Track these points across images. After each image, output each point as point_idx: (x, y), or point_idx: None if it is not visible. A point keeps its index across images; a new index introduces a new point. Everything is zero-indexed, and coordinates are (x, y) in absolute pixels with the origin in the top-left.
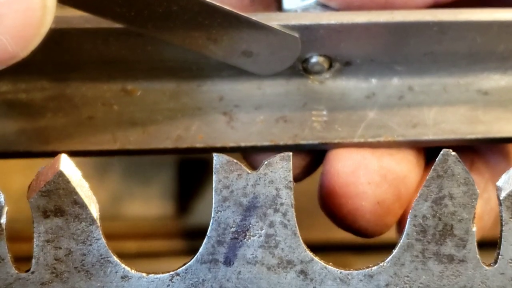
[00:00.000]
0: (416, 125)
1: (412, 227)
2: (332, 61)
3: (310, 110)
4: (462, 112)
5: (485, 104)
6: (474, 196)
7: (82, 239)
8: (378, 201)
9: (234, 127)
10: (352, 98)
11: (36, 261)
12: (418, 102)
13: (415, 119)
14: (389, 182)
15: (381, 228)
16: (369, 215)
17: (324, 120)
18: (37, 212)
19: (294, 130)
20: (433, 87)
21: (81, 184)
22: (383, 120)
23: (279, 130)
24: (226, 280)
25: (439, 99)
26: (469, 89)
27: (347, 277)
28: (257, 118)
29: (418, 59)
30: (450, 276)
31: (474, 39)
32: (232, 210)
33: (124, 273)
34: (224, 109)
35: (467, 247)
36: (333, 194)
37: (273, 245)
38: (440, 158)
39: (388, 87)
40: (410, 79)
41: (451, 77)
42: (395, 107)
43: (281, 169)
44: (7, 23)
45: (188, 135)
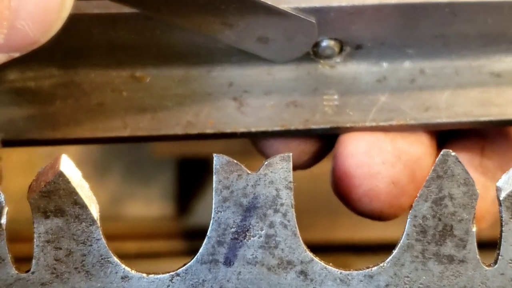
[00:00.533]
0: (429, 108)
1: (412, 227)
2: (343, 45)
3: (321, 94)
4: (475, 94)
5: (498, 86)
6: (474, 196)
7: (82, 239)
8: (393, 181)
9: (244, 112)
10: (363, 82)
11: (36, 262)
12: (430, 85)
13: (427, 102)
14: (404, 162)
15: (395, 210)
16: (384, 196)
17: (335, 105)
18: (37, 212)
19: (305, 115)
20: (444, 70)
21: (81, 185)
22: (395, 104)
23: (289, 115)
24: (226, 281)
25: (451, 82)
26: (481, 71)
27: (347, 277)
28: (267, 103)
29: (429, 42)
30: (450, 277)
31: (485, 21)
32: (232, 210)
33: (124, 274)
34: (234, 95)
35: (467, 247)
36: (347, 176)
37: (273, 245)
38: (440, 159)
39: (399, 70)
40: (421, 62)
41: (463, 59)
42: (407, 91)
43: (281, 169)
44: (28, 8)
45: (198, 121)
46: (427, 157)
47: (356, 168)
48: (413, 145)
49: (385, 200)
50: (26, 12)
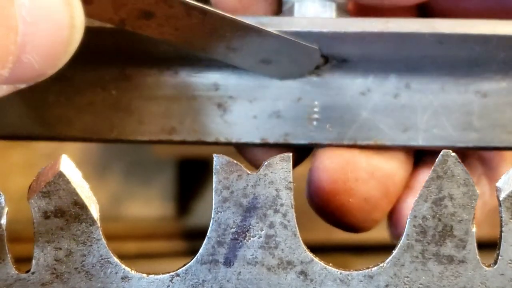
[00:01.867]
0: (408, 129)
1: (412, 227)
2: (328, 59)
3: (304, 106)
4: (457, 116)
5: (481, 108)
6: (474, 197)
7: (82, 239)
8: (365, 198)
9: (227, 121)
10: (347, 94)
11: (36, 262)
12: (413, 103)
13: (407, 121)
14: (377, 179)
15: (368, 223)
16: (356, 211)
17: (316, 118)
18: (37, 213)
19: (286, 128)
20: (431, 85)
21: (81, 185)
22: (375, 122)
23: (271, 126)
24: (226, 281)
25: (435, 99)
26: (468, 89)
27: (347, 277)
28: (250, 113)
29: (417, 60)
30: (450, 277)
31: (473, 49)
32: (232, 210)
33: (124, 274)
34: (219, 100)
35: (467, 247)
36: (321, 190)
37: (273, 245)
38: (440, 159)
39: (385, 84)
40: (408, 76)
41: (451, 76)
42: (389, 107)
43: (281, 170)
44: (35, 42)
45: (182, 128)
46: (401, 171)
47: (330, 183)
48: (388, 161)
49: (357, 215)
50: (32, 46)
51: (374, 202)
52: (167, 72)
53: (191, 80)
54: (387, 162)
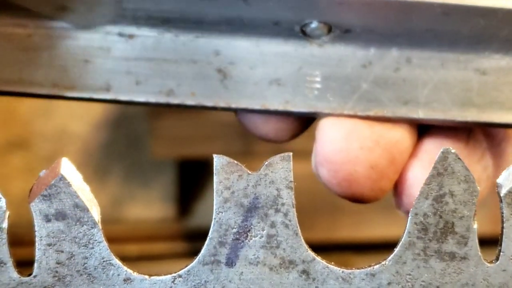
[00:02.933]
0: (408, 102)
1: (413, 225)
2: (331, 27)
3: (304, 75)
4: (456, 92)
5: (481, 85)
6: (475, 193)
7: (84, 242)
8: (372, 166)
9: (227, 86)
10: (348, 66)
11: (38, 265)
12: (414, 77)
13: (407, 95)
14: (382, 146)
15: (376, 193)
16: (364, 180)
17: (317, 88)
18: (38, 216)
19: (286, 96)
20: (431, 61)
21: (82, 188)
22: (375, 94)
23: (271, 93)
24: (228, 281)
25: (435, 75)
26: (468, 66)
27: (349, 276)
28: (251, 79)
29: (419, 33)
30: (452, 274)
31: (478, 22)
32: (233, 211)
33: (126, 276)
34: (219, 65)
35: (468, 244)
36: (326, 161)
37: (275, 245)
38: (440, 156)
39: (386, 57)
40: (409, 50)
41: (451, 52)
42: (390, 80)
43: (281, 169)
44: None
45: (180, 91)
46: (406, 140)
47: (335, 153)
48: (392, 129)
49: (365, 184)
50: None
51: (381, 170)
52: (167, 34)
53: (191, 45)
54: (391, 129)
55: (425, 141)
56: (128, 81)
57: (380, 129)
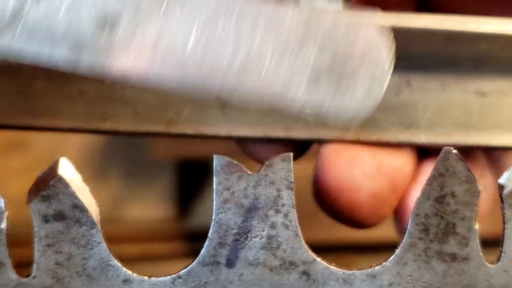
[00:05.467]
0: (410, 126)
1: (415, 226)
2: None
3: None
4: (457, 115)
5: (481, 108)
6: (476, 194)
7: (83, 243)
8: (374, 194)
9: (227, 114)
10: None
11: (37, 266)
12: (415, 101)
13: (409, 119)
14: (384, 174)
15: (376, 219)
16: (365, 207)
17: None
18: (37, 216)
19: (287, 122)
20: (431, 84)
21: (81, 188)
22: (377, 118)
23: (272, 120)
24: (228, 282)
25: (436, 98)
26: (467, 88)
27: (350, 277)
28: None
29: (419, 57)
30: (453, 275)
31: (479, 47)
32: (233, 211)
33: (125, 277)
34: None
35: (470, 245)
36: (328, 188)
37: (275, 246)
38: (442, 156)
39: None
40: (409, 74)
41: (452, 74)
42: (391, 104)
43: (281, 169)
44: None
45: (179, 120)
46: (407, 166)
47: (337, 181)
48: (393, 156)
49: (366, 211)
50: None
51: (383, 197)
52: None
53: None
54: (393, 157)
55: (425, 164)
56: (125, 111)
57: (382, 156)
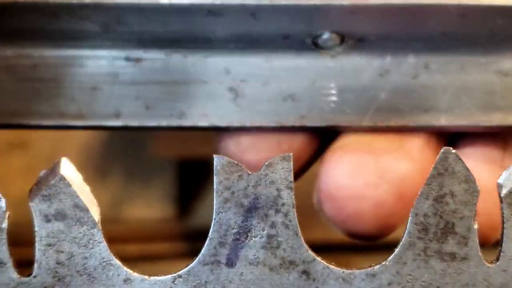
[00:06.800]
0: (429, 109)
1: (414, 225)
2: (344, 37)
3: (319, 88)
4: (479, 96)
5: (504, 87)
6: (475, 193)
7: (83, 242)
8: (377, 203)
9: (240, 105)
10: (364, 76)
11: (38, 265)
12: (433, 83)
13: (428, 102)
14: (388, 182)
15: (384, 230)
16: (369, 218)
17: (333, 100)
18: (38, 216)
19: (302, 111)
20: (450, 65)
21: (82, 188)
22: (394, 103)
23: (286, 109)
24: (228, 282)
25: (455, 79)
26: (488, 69)
27: (350, 276)
28: (264, 96)
29: (436, 38)
30: (452, 274)
31: (496, 22)
32: (233, 211)
33: (126, 276)
34: (230, 84)
35: (469, 244)
36: (330, 198)
37: (275, 245)
38: (441, 156)
39: (403, 64)
40: (427, 56)
41: (471, 55)
42: (409, 88)
43: (281, 169)
44: None
45: (192, 113)
46: (415, 173)
47: (339, 190)
48: (400, 162)
49: (370, 221)
50: None
51: (388, 207)
52: (175, 55)
53: (201, 64)
54: (399, 162)
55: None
56: (137, 106)
57: (387, 162)
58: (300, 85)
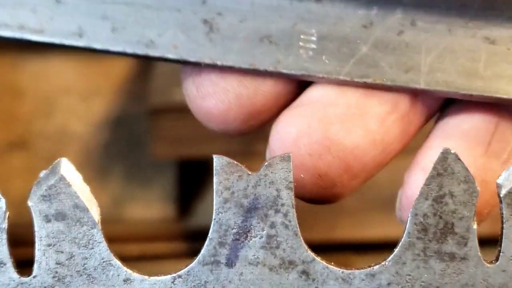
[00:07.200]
0: (409, 69)
1: (413, 225)
2: None
3: (299, 33)
4: (462, 62)
5: (489, 55)
6: (475, 194)
7: (83, 242)
8: (320, 174)
9: (213, 40)
10: (347, 25)
11: (38, 266)
12: (418, 42)
13: (410, 61)
14: (334, 154)
15: (329, 197)
16: (311, 187)
17: (312, 48)
18: (38, 216)
19: (278, 55)
20: (438, 25)
21: (81, 188)
22: (375, 58)
23: (261, 51)
24: (228, 282)
25: (441, 41)
26: (476, 34)
27: (349, 276)
28: (240, 34)
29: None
30: (452, 274)
31: None
32: (233, 211)
33: (126, 276)
34: (205, 16)
35: (468, 245)
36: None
37: (275, 245)
38: (440, 157)
39: (389, 17)
40: (414, 12)
41: (460, 17)
42: (391, 44)
43: (281, 170)
44: None
45: (161, 42)
46: (366, 145)
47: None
48: (351, 133)
49: (312, 190)
50: None
51: (332, 178)
52: None
53: None
54: (349, 133)
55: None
56: (103, 27)
57: (336, 133)
58: (279, 27)
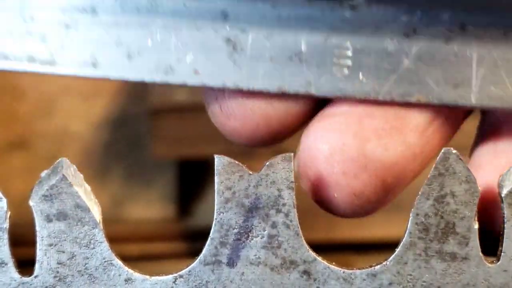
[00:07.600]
0: (459, 84)
1: (415, 225)
2: None
3: (332, 47)
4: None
5: None
6: (476, 194)
7: (85, 242)
8: (355, 193)
9: (237, 62)
10: (387, 34)
11: (39, 265)
12: (468, 50)
13: (459, 75)
14: (370, 172)
15: (363, 214)
16: (344, 206)
17: (347, 65)
18: (39, 216)
19: (309, 75)
20: (491, 29)
21: (83, 188)
22: (419, 73)
23: (290, 72)
24: (229, 282)
25: (495, 47)
26: None
27: (350, 276)
28: (266, 53)
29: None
30: (453, 274)
31: None
32: (234, 211)
33: (127, 276)
34: (227, 33)
35: (469, 244)
36: (307, 177)
37: (276, 245)
38: (441, 156)
39: (434, 22)
40: (464, 14)
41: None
42: (438, 55)
43: (282, 169)
44: None
45: (180, 68)
46: (405, 160)
47: (315, 174)
48: (389, 150)
49: (346, 209)
50: None
51: (367, 196)
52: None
53: (193, 5)
54: (387, 150)
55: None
56: (117, 54)
57: (373, 149)
58: (310, 41)
